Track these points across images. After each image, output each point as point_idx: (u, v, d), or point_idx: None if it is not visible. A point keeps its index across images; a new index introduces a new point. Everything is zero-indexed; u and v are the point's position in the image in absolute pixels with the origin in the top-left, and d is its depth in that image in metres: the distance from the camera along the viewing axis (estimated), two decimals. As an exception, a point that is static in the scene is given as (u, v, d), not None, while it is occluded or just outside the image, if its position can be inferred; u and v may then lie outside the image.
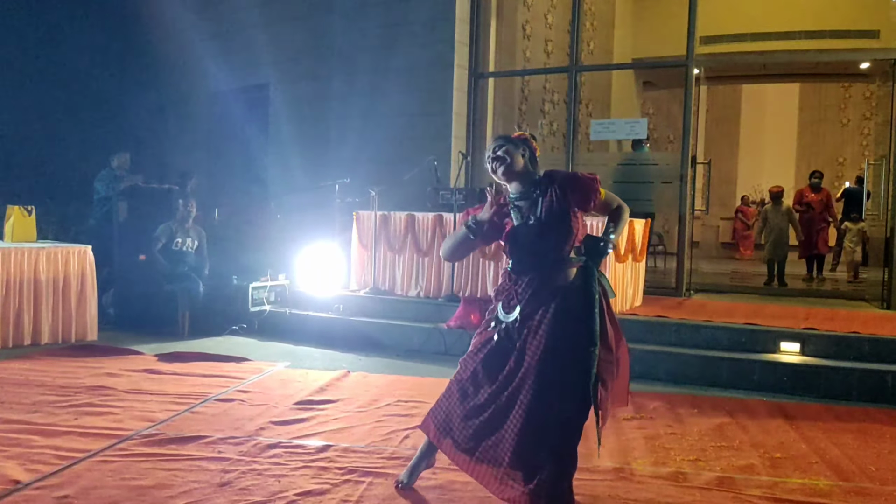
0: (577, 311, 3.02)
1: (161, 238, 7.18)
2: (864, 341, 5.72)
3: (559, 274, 3.09)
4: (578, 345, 2.99)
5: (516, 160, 3.16)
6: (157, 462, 3.58)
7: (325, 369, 5.76)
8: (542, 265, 3.10)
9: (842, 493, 3.42)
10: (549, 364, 2.98)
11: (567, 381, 3.00)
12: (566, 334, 3.01)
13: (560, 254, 3.08)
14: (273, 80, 10.09)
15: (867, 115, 17.35)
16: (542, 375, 2.98)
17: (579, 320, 3.02)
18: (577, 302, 3.04)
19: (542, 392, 2.97)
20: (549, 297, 3.06)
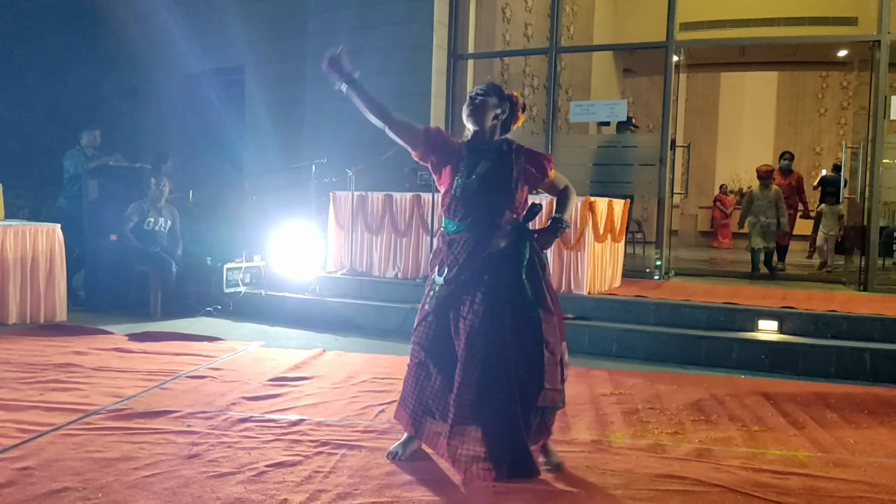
0: (513, 276, 3.06)
1: (132, 217, 7.03)
2: (842, 319, 5.73)
3: (494, 239, 3.09)
4: (518, 309, 3.04)
5: (487, 114, 3.16)
6: (123, 435, 3.48)
7: (301, 349, 5.67)
8: (478, 225, 3.11)
9: (820, 464, 3.39)
10: (491, 328, 3.01)
11: (512, 345, 3.02)
12: (504, 299, 3.04)
13: (497, 218, 3.10)
14: (248, 62, 9.94)
15: (844, 105, 17.46)
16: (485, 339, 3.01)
17: (516, 285, 3.06)
18: (512, 267, 3.07)
19: (487, 358, 3.00)
20: (485, 262, 3.07)
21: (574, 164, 8.69)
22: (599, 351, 5.85)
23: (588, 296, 6.45)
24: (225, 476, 3.00)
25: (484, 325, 3.03)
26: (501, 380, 3.01)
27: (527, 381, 3.04)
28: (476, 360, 3.02)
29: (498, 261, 3.09)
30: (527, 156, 3.18)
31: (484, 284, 3.06)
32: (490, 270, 3.08)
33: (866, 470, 3.32)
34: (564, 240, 6.50)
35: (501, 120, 3.20)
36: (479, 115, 3.16)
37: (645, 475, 3.16)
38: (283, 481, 2.97)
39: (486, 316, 3.04)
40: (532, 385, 3.04)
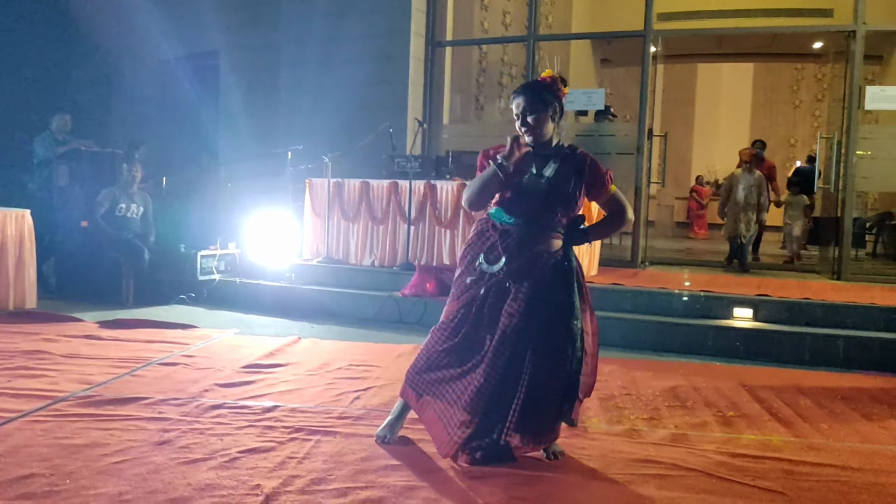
0: (558, 281, 3.02)
1: (104, 203, 6.91)
2: (816, 307, 5.77)
3: (547, 240, 3.04)
4: (561, 314, 2.99)
5: (546, 128, 3.03)
6: (92, 422, 3.41)
7: (276, 336, 5.60)
8: (536, 223, 3.03)
9: (794, 449, 3.40)
10: (530, 328, 2.97)
11: (550, 349, 2.98)
12: (548, 301, 2.99)
13: (554, 220, 3.04)
14: (222, 48, 9.80)
15: (819, 97, 17.65)
16: (521, 336, 2.96)
17: (560, 289, 3.01)
18: (558, 272, 3.03)
19: (514, 356, 2.96)
20: (534, 260, 3.02)
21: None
22: (576, 338, 5.84)
23: (565, 284, 6.43)
24: (196, 462, 2.95)
25: (521, 323, 2.96)
26: (517, 378, 2.96)
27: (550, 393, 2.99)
28: (504, 356, 2.96)
29: (545, 262, 3.02)
30: (590, 166, 3.05)
31: (529, 282, 2.99)
32: (537, 270, 3.00)
33: (840, 454, 3.34)
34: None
35: (557, 118, 3.06)
36: (538, 131, 3.02)
37: (620, 460, 3.15)
38: (256, 467, 2.93)
39: (525, 315, 2.97)
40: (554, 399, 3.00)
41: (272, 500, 2.61)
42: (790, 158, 16.80)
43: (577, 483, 2.89)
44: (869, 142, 7.72)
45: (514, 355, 2.96)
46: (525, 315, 2.97)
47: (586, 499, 2.74)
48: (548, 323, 2.99)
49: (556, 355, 2.98)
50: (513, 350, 2.96)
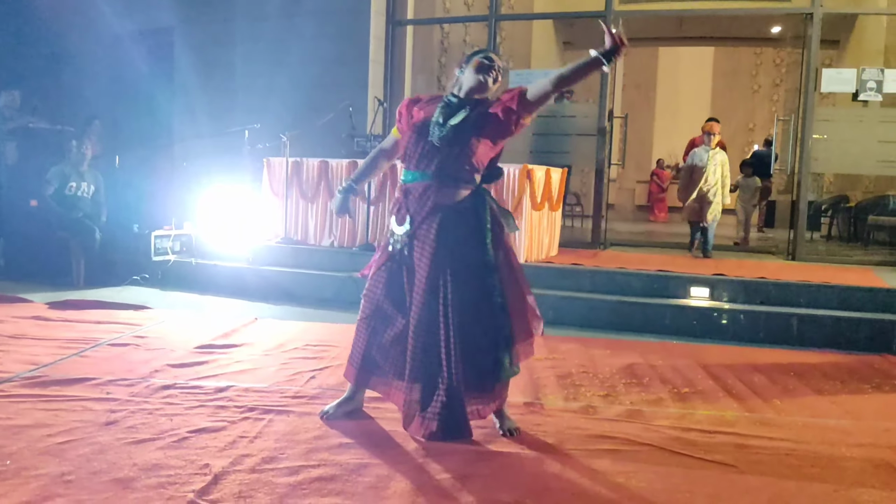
0: (466, 234, 2.99)
1: (53, 182, 6.71)
2: (771, 286, 5.85)
3: (452, 193, 3.01)
4: (472, 268, 2.99)
5: (492, 73, 3.08)
6: (37, 402, 3.31)
7: (232, 317, 5.51)
8: (437, 176, 3.02)
9: (747, 423, 3.44)
10: (442, 285, 2.97)
11: (464, 303, 2.97)
12: (458, 255, 2.98)
13: (457, 171, 3.01)
14: (177, 23, 9.55)
15: (777, 82, 17.88)
16: (434, 293, 2.97)
17: (468, 242, 3.00)
18: (466, 224, 3.00)
19: (435, 317, 2.96)
20: (442, 217, 3.00)
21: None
22: (535, 318, 5.85)
23: (525, 263, 6.42)
24: (143, 442, 2.87)
25: (432, 280, 2.97)
26: (448, 340, 2.96)
27: (479, 343, 2.99)
28: (424, 315, 2.97)
29: (455, 218, 3.00)
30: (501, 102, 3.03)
31: (439, 240, 2.98)
32: (447, 227, 2.99)
33: (791, 429, 3.38)
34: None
35: (495, 87, 3.13)
36: (494, 80, 3.09)
37: (576, 435, 3.15)
38: (206, 447, 2.86)
39: (435, 272, 2.97)
40: (485, 348, 3.00)
41: (221, 480, 2.56)
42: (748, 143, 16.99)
43: (532, 458, 2.88)
44: (825, 124, 7.82)
45: (433, 313, 2.97)
46: (434, 272, 2.97)
47: (541, 473, 2.73)
48: (461, 277, 2.97)
49: (471, 309, 2.98)
50: (430, 308, 2.97)
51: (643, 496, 2.56)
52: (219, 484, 2.52)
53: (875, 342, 5.22)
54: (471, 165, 3.02)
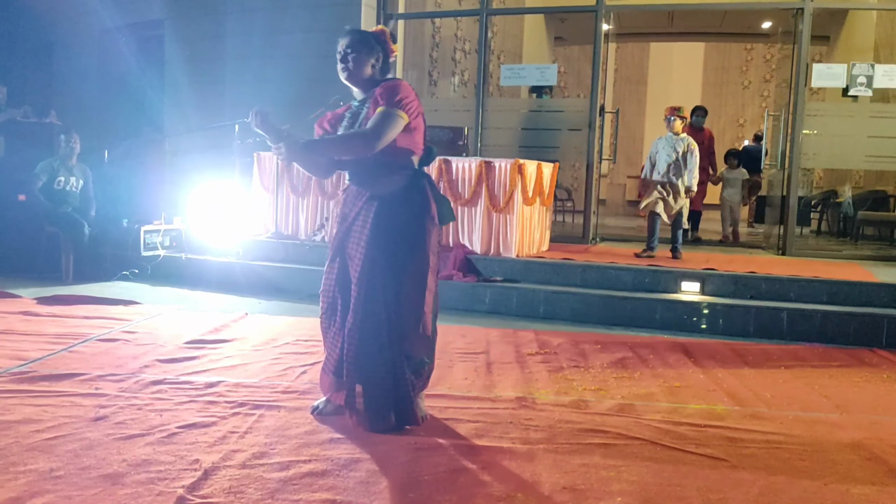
0: (395, 220, 3.00)
1: (41, 176, 6.66)
2: (761, 280, 5.86)
3: (380, 182, 3.03)
4: (396, 253, 3.00)
5: (363, 70, 3.04)
6: (26, 398, 3.29)
7: (222, 312, 5.48)
8: (361, 172, 3.07)
9: (738, 417, 3.45)
10: (369, 272, 2.99)
11: (389, 290, 2.99)
12: (384, 242, 2.99)
13: (377, 163, 3.01)
14: (167, 17, 9.48)
15: (767, 78, 17.91)
16: (362, 283, 2.99)
17: (395, 228, 3.00)
18: (396, 210, 3.01)
19: (366, 300, 2.99)
20: (370, 210, 3.02)
21: (504, 128, 8.65)
22: (527, 312, 5.86)
23: (516, 258, 6.43)
24: (133, 438, 2.86)
25: (362, 276, 2.99)
26: (380, 332, 2.98)
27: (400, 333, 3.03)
28: (358, 311, 3.00)
29: (383, 208, 3.01)
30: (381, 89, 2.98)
31: (365, 233, 3.01)
32: (374, 219, 3.01)
33: (782, 422, 3.39)
34: (494, 203, 6.46)
35: (378, 65, 3.09)
36: (352, 72, 3.04)
37: (568, 430, 3.15)
38: (196, 442, 2.85)
39: (365, 266, 3.00)
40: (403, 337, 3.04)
41: (211, 475, 2.54)
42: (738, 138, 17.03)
43: (524, 452, 2.87)
44: (815, 119, 7.84)
45: (366, 310, 3.00)
46: (363, 267, 2.99)
47: (531, 467, 2.72)
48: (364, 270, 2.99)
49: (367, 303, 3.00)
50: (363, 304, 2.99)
51: (634, 490, 2.57)
52: (209, 479, 2.51)
53: (864, 336, 5.24)
54: (382, 154, 2.97)
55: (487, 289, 6.02)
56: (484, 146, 8.51)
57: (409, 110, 2.96)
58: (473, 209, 6.57)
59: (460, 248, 6.46)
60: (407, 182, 3.05)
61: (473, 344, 4.75)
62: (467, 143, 7.38)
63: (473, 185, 6.50)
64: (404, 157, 3.04)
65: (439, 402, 3.44)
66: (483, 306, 5.98)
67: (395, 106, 2.91)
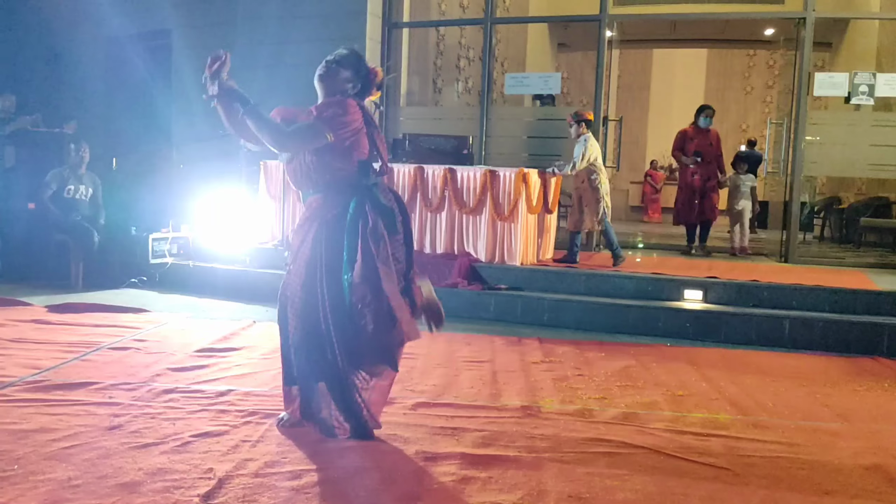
0: (332, 240, 3.05)
1: (51, 185, 6.75)
2: (763, 289, 5.92)
3: (327, 202, 3.09)
4: (334, 268, 3.03)
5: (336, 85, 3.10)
6: (41, 407, 3.35)
7: (230, 320, 5.55)
8: (308, 191, 3.14)
9: (740, 426, 3.50)
10: (308, 293, 3.06)
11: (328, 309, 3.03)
12: (321, 258, 3.05)
13: (324, 181, 3.07)
14: (175, 26, 9.58)
15: (770, 84, 17.97)
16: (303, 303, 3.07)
17: (333, 248, 3.04)
18: (333, 227, 3.06)
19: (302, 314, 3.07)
20: (313, 223, 3.10)
21: (509, 137, 8.73)
22: (531, 320, 5.92)
23: (521, 267, 6.50)
24: (148, 447, 2.92)
25: (304, 288, 3.06)
26: (321, 344, 3.04)
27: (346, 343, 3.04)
28: (298, 325, 3.08)
29: (323, 226, 3.07)
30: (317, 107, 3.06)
31: (308, 248, 3.08)
32: (315, 233, 3.07)
33: (783, 431, 3.45)
34: (499, 212, 6.52)
35: (353, 94, 3.13)
36: (327, 83, 3.10)
37: (572, 439, 3.21)
38: (209, 451, 2.91)
39: (307, 279, 3.06)
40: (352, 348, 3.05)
41: (225, 484, 2.61)
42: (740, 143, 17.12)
43: (530, 461, 2.93)
44: (817, 127, 7.91)
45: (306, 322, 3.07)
46: (305, 280, 3.06)
47: (537, 477, 2.78)
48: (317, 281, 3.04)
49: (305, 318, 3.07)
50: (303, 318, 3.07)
51: (638, 499, 2.62)
52: (223, 488, 2.57)
53: (866, 344, 5.30)
54: (327, 172, 3.04)
55: (492, 297, 6.08)
56: (488, 155, 8.58)
57: (338, 128, 2.97)
58: (478, 217, 6.64)
59: (465, 257, 6.52)
60: (347, 199, 3.06)
61: (479, 352, 4.81)
62: (472, 152, 7.45)
63: (478, 194, 6.57)
64: (341, 175, 3.08)
65: (446, 412, 3.50)
66: (488, 314, 6.04)
67: (324, 122, 2.96)
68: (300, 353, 3.08)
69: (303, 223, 3.15)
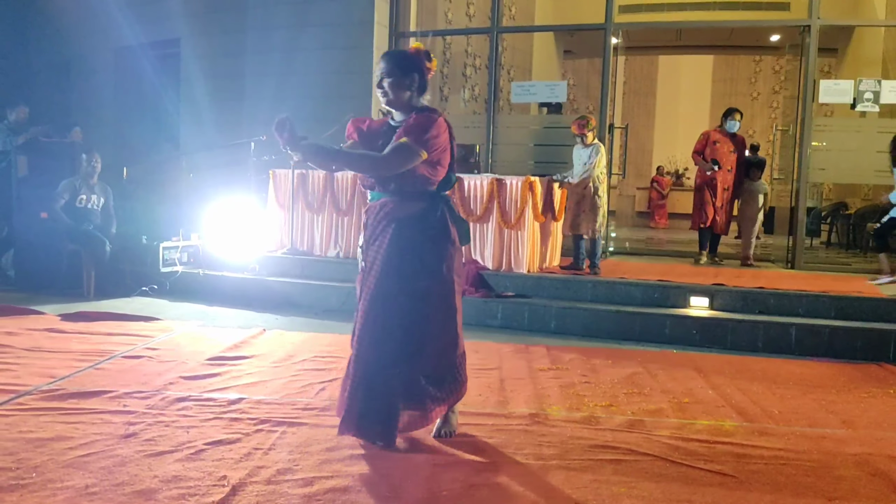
0: (412, 242, 3.10)
1: (64, 194, 6.83)
2: (770, 296, 5.95)
3: (401, 205, 3.13)
4: (410, 275, 3.08)
5: (400, 95, 3.14)
6: (57, 416, 3.41)
7: (240, 328, 5.62)
8: (385, 193, 3.16)
9: (746, 433, 3.54)
10: (379, 294, 3.09)
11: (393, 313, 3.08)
12: (397, 264, 3.09)
13: (399, 186, 3.12)
14: (184, 35, 9.69)
15: (776, 89, 18.00)
16: (371, 304, 3.10)
17: (412, 251, 3.10)
18: (414, 233, 3.11)
19: (371, 323, 3.09)
20: (390, 230, 3.13)
21: (516, 144, 8.79)
22: (538, 327, 5.96)
23: (528, 274, 6.55)
24: (162, 455, 2.98)
25: (375, 297, 3.10)
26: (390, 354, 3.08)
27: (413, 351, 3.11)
28: (367, 329, 3.10)
29: (401, 229, 3.12)
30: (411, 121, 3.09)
31: (382, 251, 3.12)
32: (392, 237, 3.11)
33: (789, 438, 3.48)
34: (506, 220, 6.58)
35: (415, 89, 3.17)
36: (391, 100, 3.14)
37: (579, 446, 3.25)
38: (222, 459, 2.97)
39: (378, 289, 3.10)
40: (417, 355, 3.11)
41: (238, 491, 2.66)
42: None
43: (537, 468, 2.98)
44: (823, 134, 7.94)
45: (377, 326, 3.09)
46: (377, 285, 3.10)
47: (545, 483, 2.83)
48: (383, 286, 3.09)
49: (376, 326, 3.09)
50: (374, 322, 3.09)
51: (644, 506, 2.67)
52: (237, 495, 2.63)
53: (872, 351, 5.32)
54: (404, 179, 3.09)
55: (499, 304, 6.13)
56: (495, 163, 8.64)
57: (432, 148, 3.05)
58: (485, 225, 6.70)
59: (472, 264, 6.57)
60: (426, 205, 3.15)
61: (486, 359, 4.85)
62: (479, 161, 7.50)
63: (485, 202, 6.63)
64: (424, 184, 3.15)
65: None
66: (495, 321, 6.09)
67: (419, 143, 3.02)
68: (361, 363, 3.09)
69: (377, 223, 3.16)
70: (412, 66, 3.14)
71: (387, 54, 3.20)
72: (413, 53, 3.18)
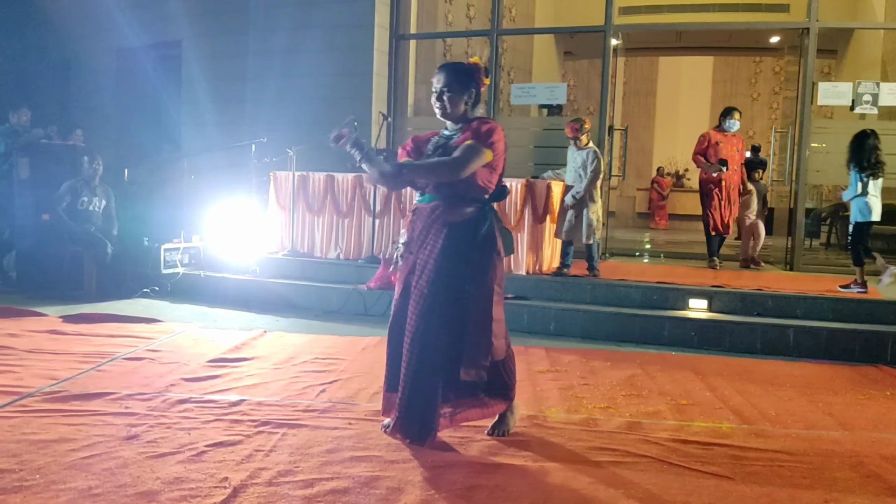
0: (463, 246, 3.13)
1: (66, 197, 6.86)
2: (768, 298, 5.97)
3: (453, 210, 3.16)
4: (457, 279, 3.12)
5: (457, 109, 3.19)
6: (60, 417, 3.44)
7: (241, 330, 5.64)
8: (438, 196, 3.19)
9: (743, 435, 3.56)
10: (430, 297, 3.11)
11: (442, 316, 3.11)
12: (448, 268, 3.12)
13: (457, 191, 3.15)
14: (186, 36, 9.72)
15: (776, 90, 18.02)
16: (422, 305, 3.12)
17: (461, 256, 3.13)
18: (463, 241, 3.14)
19: (421, 323, 3.11)
20: (441, 233, 3.15)
21: (515, 146, 8.78)
22: (538, 329, 5.99)
23: (527, 276, 6.57)
24: (164, 456, 3.01)
25: (429, 299, 3.11)
26: (436, 358, 3.10)
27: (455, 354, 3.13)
28: (419, 331, 3.11)
29: (452, 233, 3.15)
30: (474, 128, 3.14)
31: (434, 254, 3.14)
32: (444, 242, 3.14)
33: (786, 440, 3.51)
34: (506, 221, 6.59)
35: (470, 102, 3.23)
36: (448, 112, 3.19)
37: (578, 447, 3.28)
38: (224, 460, 3.00)
39: (430, 292, 3.12)
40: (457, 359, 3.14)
41: (240, 493, 2.69)
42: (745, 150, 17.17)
43: (536, 470, 3.00)
44: (822, 136, 7.96)
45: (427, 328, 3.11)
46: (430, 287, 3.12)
47: (544, 485, 2.86)
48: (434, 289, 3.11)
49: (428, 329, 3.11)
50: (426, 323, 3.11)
51: (642, 507, 2.69)
52: (238, 497, 2.65)
53: (869, 353, 5.35)
54: (464, 185, 3.14)
55: (499, 306, 6.14)
56: (495, 164, 8.64)
57: (496, 152, 3.12)
58: (485, 227, 6.69)
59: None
60: (478, 213, 3.19)
61: (486, 361, 4.87)
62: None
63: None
64: (480, 191, 3.18)
65: (454, 421, 3.57)
66: (495, 323, 6.09)
67: (486, 145, 3.08)
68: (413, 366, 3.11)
69: (428, 226, 3.18)
70: (471, 80, 3.19)
71: (445, 67, 3.22)
72: (472, 68, 3.22)
